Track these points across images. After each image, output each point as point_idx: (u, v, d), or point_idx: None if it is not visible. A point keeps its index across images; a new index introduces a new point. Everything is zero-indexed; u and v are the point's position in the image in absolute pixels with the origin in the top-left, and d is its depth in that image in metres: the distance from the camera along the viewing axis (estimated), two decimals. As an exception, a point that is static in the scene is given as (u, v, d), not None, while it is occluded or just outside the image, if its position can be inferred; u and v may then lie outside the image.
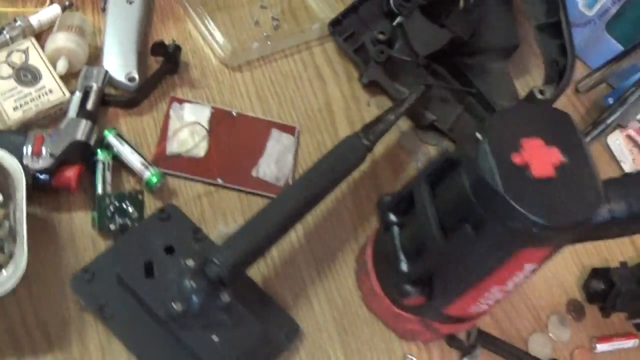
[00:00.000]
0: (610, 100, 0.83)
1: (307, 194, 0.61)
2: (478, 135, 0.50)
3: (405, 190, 0.58)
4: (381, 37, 0.75)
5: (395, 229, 0.58)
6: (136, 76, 0.67)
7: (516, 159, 0.48)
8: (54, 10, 0.70)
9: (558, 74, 0.72)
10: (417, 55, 0.75)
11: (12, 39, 0.67)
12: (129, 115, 0.68)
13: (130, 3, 0.72)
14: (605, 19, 0.84)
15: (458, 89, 0.76)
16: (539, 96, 0.71)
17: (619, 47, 0.84)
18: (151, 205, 0.63)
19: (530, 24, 0.86)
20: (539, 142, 0.49)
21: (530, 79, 0.84)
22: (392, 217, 0.58)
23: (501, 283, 0.54)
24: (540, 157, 0.48)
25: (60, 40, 0.66)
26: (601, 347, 0.68)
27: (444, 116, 0.75)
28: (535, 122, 0.51)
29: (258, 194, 0.66)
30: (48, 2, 0.71)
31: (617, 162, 0.80)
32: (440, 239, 0.51)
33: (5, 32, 0.66)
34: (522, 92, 0.80)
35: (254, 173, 0.67)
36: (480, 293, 0.55)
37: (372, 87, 0.76)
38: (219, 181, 0.65)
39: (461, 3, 0.77)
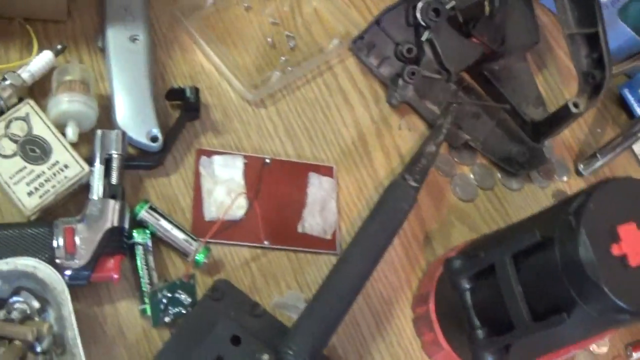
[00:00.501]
0: (627, 91, 0.83)
1: (369, 257, 0.59)
2: (572, 220, 0.48)
3: (479, 258, 0.56)
4: (408, 54, 0.69)
5: (468, 294, 0.57)
6: (159, 135, 0.59)
7: (615, 250, 0.47)
8: (46, 57, 0.59)
9: (592, 87, 0.70)
10: (448, 71, 0.70)
11: (5, 102, 0.56)
12: (154, 177, 0.61)
13: (134, 41, 0.62)
14: (618, 5, 0.81)
15: (492, 105, 0.73)
16: (574, 110, 0.69)
17: (631, 34, 0.82)
18: (198, 278, 0.58)
19: (544, 13, 0.84)
20: (633, 228, 0.48)
21: (548, 75, 0.81)
22: (465, 284, 0.56)
23: (582, 347, 0.55)
24: (637, 245, 0.47)
25: (64, 103, 0.56)
26: (637, 354, 0.71)
27: (477, 133, 0.72)
28: (624, 202, 0.49)
29: (307, 251, 0.62)
30: (36, 49, 0.60)
31: (638, 162, 0.81)
32: (529, 320, 0.51)
33: (-6, 95, 0.56)
34: (543, 91, 0.78)
35: (299, 229, 0.62)
36: (558, 355, 0.56)
37: (401, 106, 0.71)
38: (266, 243, 0.61)
39: (487, 9, 0.72)
